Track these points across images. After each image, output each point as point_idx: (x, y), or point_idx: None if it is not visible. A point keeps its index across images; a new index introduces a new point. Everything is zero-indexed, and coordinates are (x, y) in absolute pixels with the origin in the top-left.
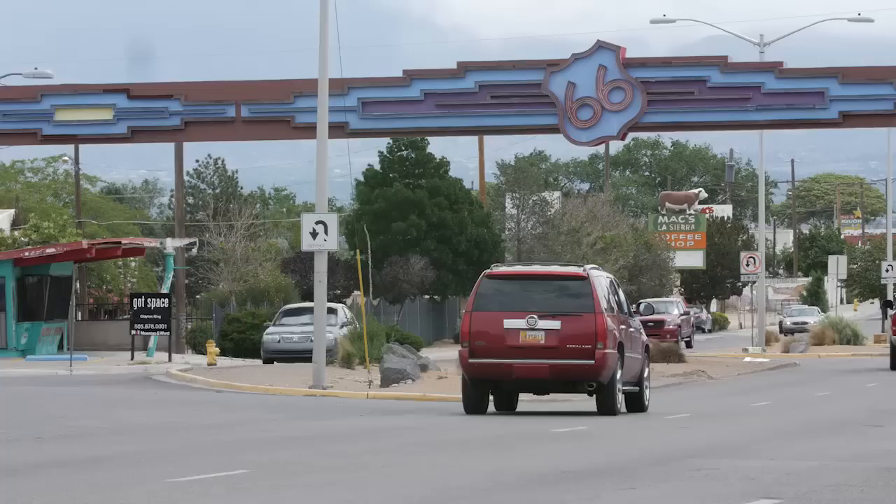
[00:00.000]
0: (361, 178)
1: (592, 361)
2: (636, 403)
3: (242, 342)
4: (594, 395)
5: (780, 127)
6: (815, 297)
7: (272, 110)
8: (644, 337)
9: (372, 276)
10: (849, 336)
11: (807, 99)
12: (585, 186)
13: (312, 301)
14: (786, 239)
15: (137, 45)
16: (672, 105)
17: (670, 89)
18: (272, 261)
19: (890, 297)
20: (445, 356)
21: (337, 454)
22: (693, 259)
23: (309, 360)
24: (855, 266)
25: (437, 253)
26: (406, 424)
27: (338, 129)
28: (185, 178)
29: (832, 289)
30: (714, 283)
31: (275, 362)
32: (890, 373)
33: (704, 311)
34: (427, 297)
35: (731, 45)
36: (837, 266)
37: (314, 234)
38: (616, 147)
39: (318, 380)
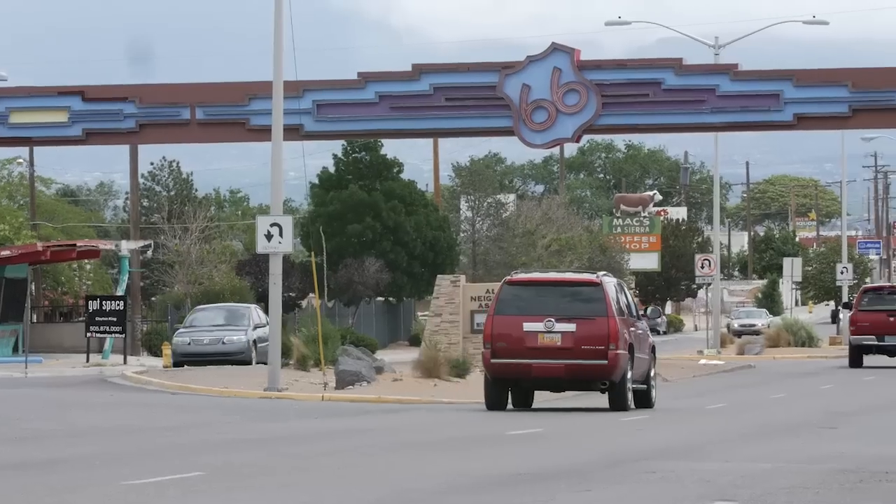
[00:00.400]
0: (316, 181)
1: (605, 361)
2: (644, 400)
3: None
4: (606, 393)
5: (734, 129)
6: (769, 299)
7: (227, 112)
8: (651, 338)
9: (327, 278)
10: (804, 338)
11: (761, 101)
12: (540, 189)
13: (267, 302)
14: (741, 241)
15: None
16: (627, 107)
17: (625, 91)
18: (227, 263)
19: (845, 298)
20: (401, 358)
21: (292, 456)
22: (648, 261)
23: (220, 363)
24: (810, 268)
25: (393, 255)
26: (362, 426)
27: (293, 132)
28: (140, 180)
29: (787, 291)
30: (669, 286)
31: (185, 365)
32: (845, 375)
33: (661, 313)
34: (382, 299)
35: (686, 47)
36: (792, 268)
37: (269, 237)
38: (571, 149)
39: (273, 382)
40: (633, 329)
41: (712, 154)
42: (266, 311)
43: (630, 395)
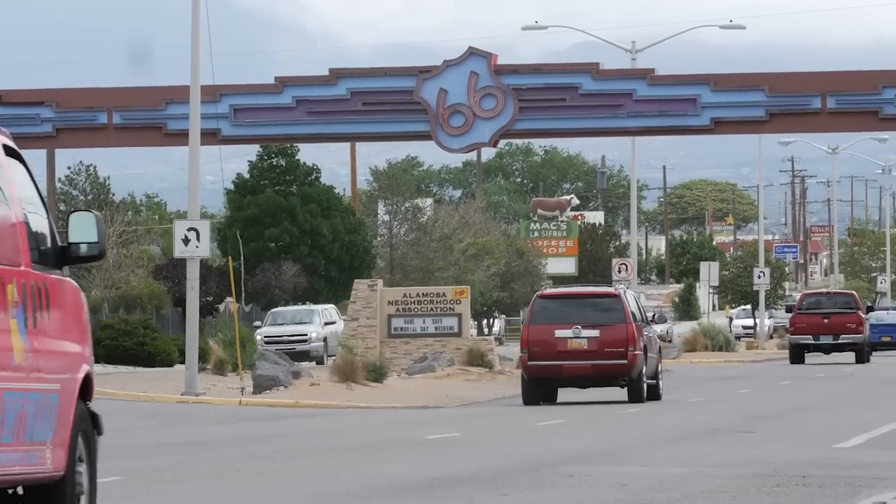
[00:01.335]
0: (232, 186)
1: (625, 361)
2: (654, 393)
3: (115, 349)
4: (626, 388)
5: (651, 133)
6: (687, 303)
7: (144, 117)
8: (657, 340)
9: (244, 282)
10: (721, 343)
11: (679, 105)
12: (458, 193)
13: (184, 307)
14: (658, 245)
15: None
16: (544, 112)
17: (542, 96)
18: (145, 267)
19: (762, 303)
20: None
21: (209, 461)
22: (565, 265)
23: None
24: (727, 273)
25: (310, 259)
26: (279, 431)
27: (210, 136)
28: (57, 184)
29: (704, 295)
30: None
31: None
32: (762, 379)
33: None
34: (300, 303)
35: (603, 51)
36: (710, 272)
37: (186, 241)
38: (488, 154)
39: (190, 387)
40: (645, 333)
41: (629, 158)
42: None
43: (644, 389)
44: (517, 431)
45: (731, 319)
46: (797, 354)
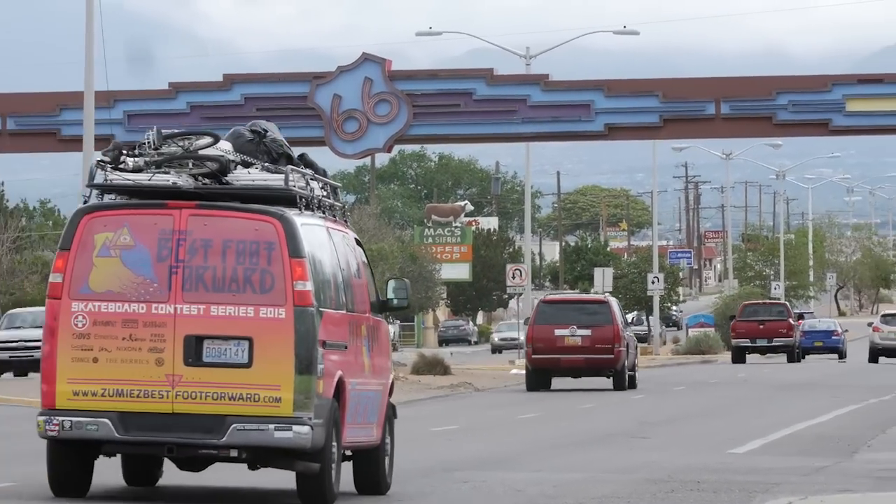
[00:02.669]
0: None
1: (612, 356)
2: (632, 382)
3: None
4: (611, 378)
5: (546, 139)
6: None
7: (38, 123)
8: (635, 340)
9: None
10: None
11: (573, 111)
12: (352, 198)
13: None
14: (553, 251)
15: None
16: (438, 117)
17: (436, 102)
18: (38, 273)
19: (656, 308)
20: None
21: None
22: (459, 271)
23: None
24: (621, 278)
25: None
26: None
27: (104, 142)
28: None
29: None
30: (480, 296)
31: None
32: (655, 385)
33: (470, 322)
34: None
35: (497, 57)
36: (603, 278)
37: None
38: (382, 159)
39: None
40: (626, 333)
41: (524, 164)
42: None
43: (627, 379)
44: (414, 437)
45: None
46: (739, 355)
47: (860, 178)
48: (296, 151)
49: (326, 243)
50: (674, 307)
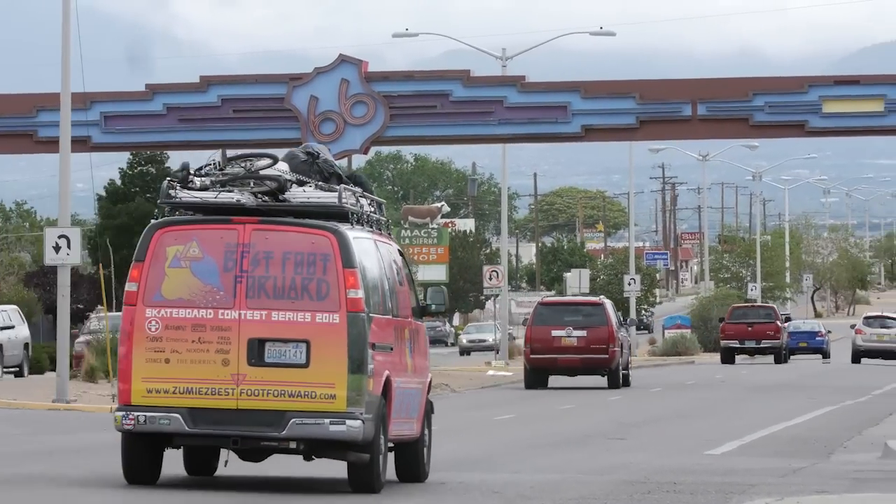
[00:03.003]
0: (103, 193)
1: (607, 356)
2: (626, 381)
3: None
4: (606, 377)
5: (522, 140)
6: None
7: (14, 124)
8: (629, 339)
9: (115, 289)
10: None
11: (549, 113)
12: None
13: (55, 315)
14: (529, 252)
15: None
16: (415, 119)
17: (413, 103)
18: (15, 275)
19: (633, 310)
20: None
21: (82, 468)
22: (436, 273)
23: None
24: (597, 280)
25: None
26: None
27: (81, 143)
28: None
29: None
30: (457, 297)
31: None
32: (632, 387)
33: (447, 324)
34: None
35: (474, 59)
36: (580, 279)
37: (57, 249)
38: (359, 161)
39: (61, 394)
40: (620, 334)
41: (500, 165)
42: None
43: (621, 377)
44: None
45: None
46: (728, 356)
47: (837, 179)
48: (340, 168)
49: (374, 254)
50: (644, 310)
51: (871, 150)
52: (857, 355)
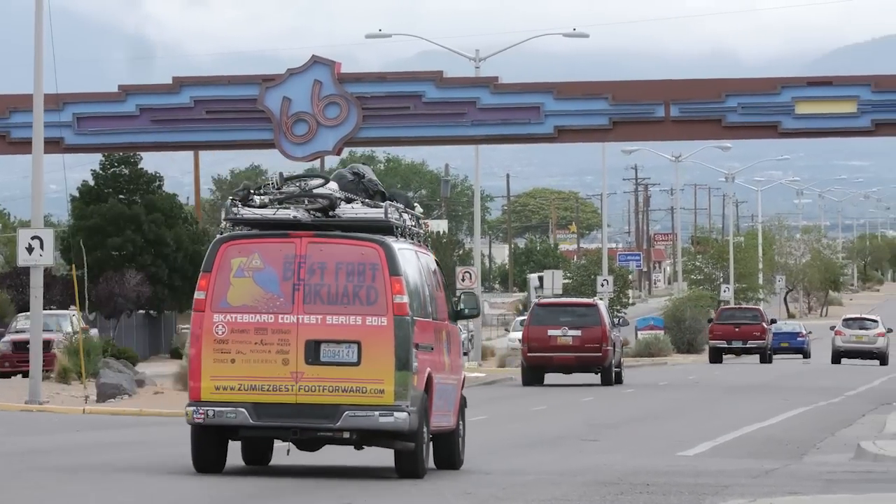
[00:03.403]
0: (76, 194)
1: (600, 354)
2: (618, 378)
3: None
4: (599, 374)
5: (495, 142)
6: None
7: None
8: (621, 339)
9: (88, 291)
10: None
11: (522, 114)
12: None
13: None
14: (502, 254)
15: None
16: (388, 120)
17: (386, 104)
18: None
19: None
20: (162, 371)
21: (53, 469)
22: None
23: None
24: (570, 281)
25: (154, 268)
26: (123, 440)
27: (53, 145)
28: None
29: None
30: None
31: None
32: (605, 388)
33: None
34: (143, 311)
35: (447, 60)
36: (553, 280)
37: (30, 250)
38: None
39: (33, 395)
40: (613, 333)
41: (473, 167)
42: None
43: (614, 375)
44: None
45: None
46: (716, 355)
47: (809, 180)
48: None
49: (415, 263)
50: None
51: (844, 152)
52: (837, 356)
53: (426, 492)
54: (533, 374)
